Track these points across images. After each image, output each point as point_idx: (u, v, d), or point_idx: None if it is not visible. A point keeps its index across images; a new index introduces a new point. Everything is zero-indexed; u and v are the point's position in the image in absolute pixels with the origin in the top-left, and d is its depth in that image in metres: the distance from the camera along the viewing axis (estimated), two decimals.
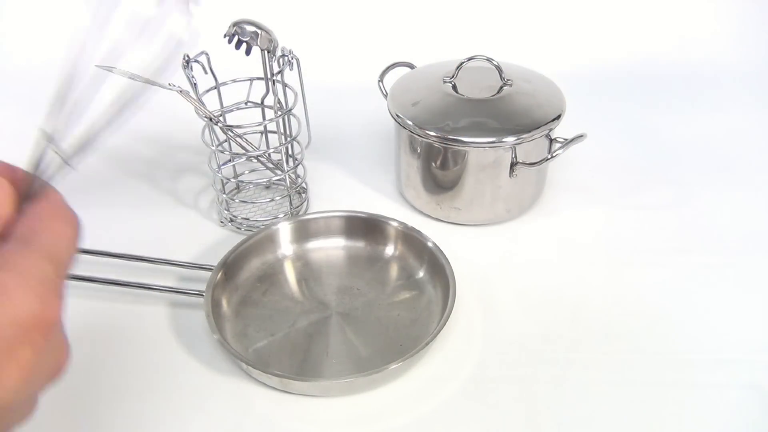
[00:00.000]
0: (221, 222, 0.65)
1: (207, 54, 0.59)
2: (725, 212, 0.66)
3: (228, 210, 0.65)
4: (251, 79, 0.63)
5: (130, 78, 0.34)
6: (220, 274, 0.55)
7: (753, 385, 0.49)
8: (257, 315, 0.54)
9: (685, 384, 0.49)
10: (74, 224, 0.31)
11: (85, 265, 0.58)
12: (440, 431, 0.46)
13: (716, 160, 0.75)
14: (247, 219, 0.64)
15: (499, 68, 0.64)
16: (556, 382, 0.49)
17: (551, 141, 0.63)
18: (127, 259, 0.58)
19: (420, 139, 0.61)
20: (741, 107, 0.86)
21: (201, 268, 0.57)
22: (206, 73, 0.60)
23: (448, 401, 0.48)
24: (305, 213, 0.66)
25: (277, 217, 0.64)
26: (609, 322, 0.54)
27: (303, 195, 0.67)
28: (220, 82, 0.62)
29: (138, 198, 0.70)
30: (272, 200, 0.66)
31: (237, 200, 0.66)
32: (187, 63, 0.57)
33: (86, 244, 0.58)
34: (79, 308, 0.55)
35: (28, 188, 0.31)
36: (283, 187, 0.68)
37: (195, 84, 0.58)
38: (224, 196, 0.64)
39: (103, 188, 0.71)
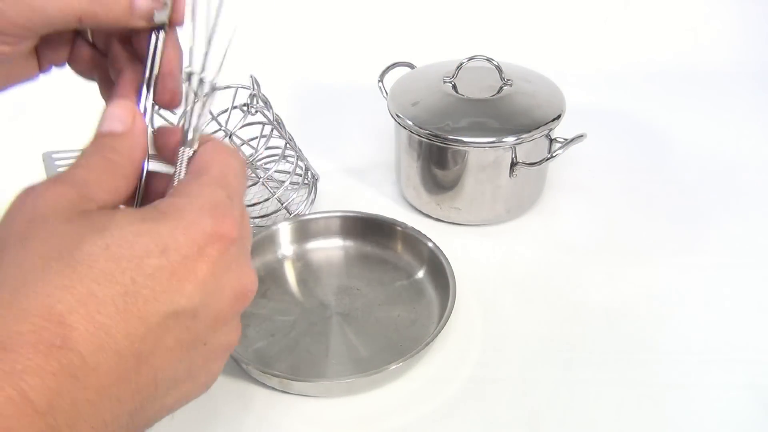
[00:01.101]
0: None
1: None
2: (725, 212, 0.66)
3: None
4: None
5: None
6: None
7: (752, 385, 0.49)
8: (257, 315, 0.54)
9: (685, 384, 0.49)
10: (238, 157, 0.34)
11: None
12: (440, 431, 0.46)
13: (716, 160, 0.75)
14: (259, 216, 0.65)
15: (499, 68, 0.64)
16: (556, 382, 0.49)
17: (551, 141, 0.63)
18: None
19: (420, 139, 0.61)
20: (741, 107, 0.86)
21: None
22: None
23: (448, 402, 0.48)
24: (313, 206, 0.66)
25: (290, 213, 0.64)
26: (609, 322, 0.54)
27: (313, 186, 0.67)
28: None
29: None
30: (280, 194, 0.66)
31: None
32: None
33: None
34: None
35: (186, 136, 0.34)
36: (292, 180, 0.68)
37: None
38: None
39: None
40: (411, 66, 0.71)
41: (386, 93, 0.67)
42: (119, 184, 0.31)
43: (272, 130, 0.60)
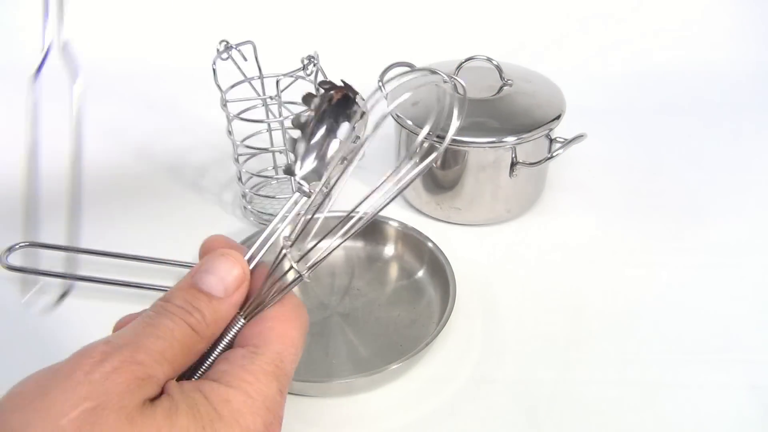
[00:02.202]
0: (250, 216, 0.66)
1: (253, 43, 0.60)
2: (725, 212, 0.67)
3: (250, 205, 0.65)
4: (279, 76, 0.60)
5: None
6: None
7: (753, 385, 0.49)
8: None
9: (685, 384, 0.49)
10: (304, 329, 0.31)
11: (97, 266, 0.58)
12: (440, 431, 0.46)
13: (716, 160, 0.75)
14: (272, 214, 0.65)
15: (499, 68, 0.64)
16: (556, 382, 0.49)
17: (551, 141, 0.63)
18: (130, 259, 0.58)
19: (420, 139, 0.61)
20: (741, 107, 0.86)
21: None
22: (245, 60, 0.60)
23: (448, 402, 0.48)
24: (328, 209, 0.66)
25: (299, 213, 0.64)
26: (609, 321, 0.54)
27: (326, 189, 0.67)
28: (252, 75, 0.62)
29: (162, 194, 0.71)
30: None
31: (262, 194, 0.67)
32: (228, 49, 0.58)
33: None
34: (88, 309, 0.55)
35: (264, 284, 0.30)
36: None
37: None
38: (248, 191, 0.65)
39: (135, 187, 0.72)
40: (411, 66, 0.70)
41: (386, 93, 0.67)
42: (190, 361, 0.29)
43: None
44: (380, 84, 0.68)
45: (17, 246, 0.57)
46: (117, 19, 0.98)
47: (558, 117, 0.61)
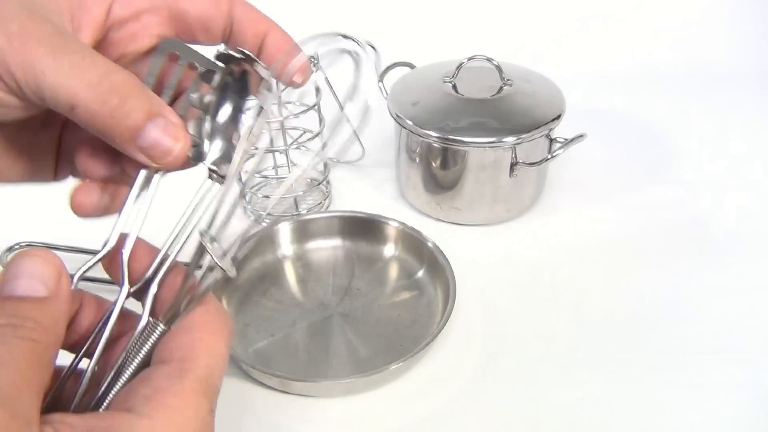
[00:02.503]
0: (250, 216, 0.66)
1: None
2: (726, 212, 0.66)
3: (250, 204, 0.66)
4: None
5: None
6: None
7: (753, 385, 0.49)
8: (257, 315, 0.54)
9: (685, 384, 0.49)
10: (229, 336, 0.28)
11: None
12: (440, 431, 0.46)
13: (716, 160, 0.75)
14: (271, 214, 0.65)
15: (499, 68, 0.64)
16: (556, 382, 0.49)
17: (551, 141, 0.63)
18: None
19: (420, 139, 0.61)
20: (741, 107, 0.86)
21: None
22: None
23: (448, 402, 0.48)
24: (327, 209, 0.66)
25: (299, 213, 0.64)
26: (609, 322, 0.54)
27: (327, 189, 0.68)
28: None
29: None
30: (296, 194, 0.66)
31: (260, 195, 0.67)
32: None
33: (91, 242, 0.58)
34: None
35: (184, 285, 0.28)
36: (305, 182, 0.69)
37: None
38: (248, 191, 0.65)
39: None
40: (411, 66, 0.71)
41: (386, 93, 0.67)
42: (48, 375, 0.24)
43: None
44: (380, 84, 0.68)
45: (17, 246, 0.57)
46: None
47: (558, 117, 0.61)
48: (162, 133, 0.28)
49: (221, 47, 0.31)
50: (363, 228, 0.61)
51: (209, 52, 0.32)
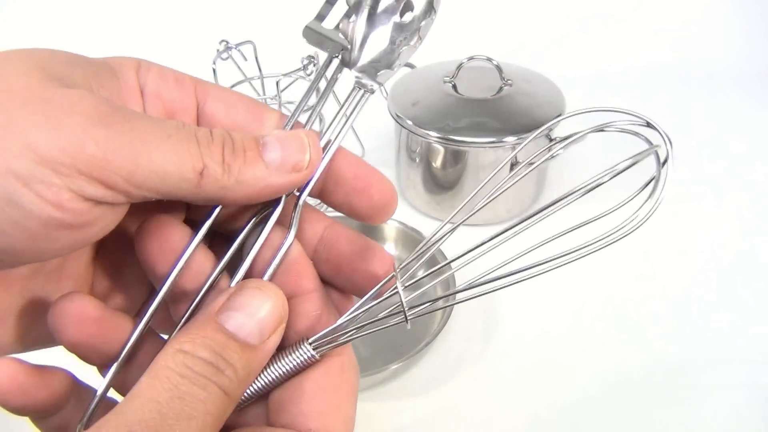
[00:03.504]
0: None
1: (253, 43, 0.59)
2: (725, 212, 0.66)
3: None
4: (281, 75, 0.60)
5: None
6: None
7: (753, 385, 0.49)
8: None
9: (685, 384, 0.49)
10: (356, 397, 0.25)
11: None
12: (440, 431, 0.46)
13: (716, 160, 0.75)
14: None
15: (499, 68, 0.64)
16: (556, 381, 0.49)
17: (551, 141, 0.63)
18: None
19: (420, 139, 0.61)
20: (741, 107, 0.86)
21: None
22: (245, 60, 0.60)
23: (448, 402, 0.48)
24: (327, 209, 0.66)
25: None
26: (609, 321, 0.54)
27: None
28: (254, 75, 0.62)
29: None
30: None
31: None
32: (228, 49, 0.58)
33: None
34: None
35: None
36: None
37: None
38: None
39: None
40: (411, 66, 0.71)
41: (386, 93, 0.67)
42: None
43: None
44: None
45: None
46: (117, 19, 0.98)
47: (558, 117, 0.61)
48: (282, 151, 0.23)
49: None
50: (363, 228, 0.61)
51: None
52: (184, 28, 0.97)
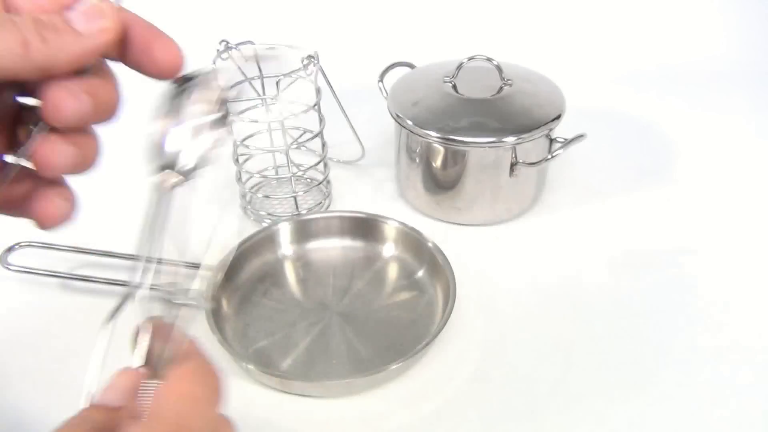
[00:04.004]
0: (250, 216, 0.66)
1: (253, 43, 0.59)
2: (725, 212, 0.67)
3: (250, 205, 0.66)
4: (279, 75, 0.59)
5: None
6: (220, 274, 0.55)
7: (753, 384, 0.49)
8: (257, 315, 0.55)
9: (685, 383, 0.49)
10: (213, 384, 0.29)
11: (97, 266, 0.58)
12: (440, 431, 0.46)
13: (716, 160, 0.75)
14: (272, 214, 0.65)
15: (499, 68, 0.64)
16: (556, 381, 0.49)
17: (551, 141, 0.63)
18: (129, 259, 0.58)
19: (420, 139, 0.61)
20: (741, 107, 0.86)
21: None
22: (245, 60, 0.60)
23: (448, 402, 0.48)
24: (327, 209, 0.67)
25: (299, 213, 0.65)
26: (609, 321, 0.54)
27: (327, 189, 0.68)
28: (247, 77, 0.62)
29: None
30: (296, 194, 0.66)
31: (260, 195, 0.67)
32: (228, 49, 0.58)
33: (93, 243, 0.58)
34: (80, 306, 0.55)
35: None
36: (305, 182, 0.70)
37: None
38: (248, 191, 0.65)
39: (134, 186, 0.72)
40: (411, 66, 0.71)
41: (386, 93, 0.67)
42: None
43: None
44: (380, 84, 0.67)
45: (17, 246, 0.57)
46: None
47: (558, 117, 0.61)
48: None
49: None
50: (363, 228, 0.61)
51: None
52: (184, 27, 0.97)
